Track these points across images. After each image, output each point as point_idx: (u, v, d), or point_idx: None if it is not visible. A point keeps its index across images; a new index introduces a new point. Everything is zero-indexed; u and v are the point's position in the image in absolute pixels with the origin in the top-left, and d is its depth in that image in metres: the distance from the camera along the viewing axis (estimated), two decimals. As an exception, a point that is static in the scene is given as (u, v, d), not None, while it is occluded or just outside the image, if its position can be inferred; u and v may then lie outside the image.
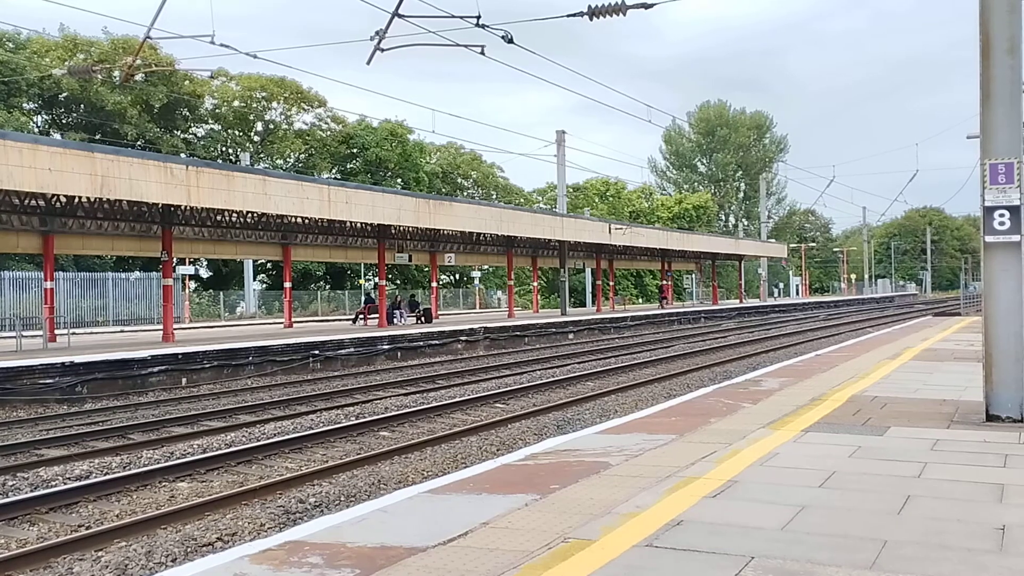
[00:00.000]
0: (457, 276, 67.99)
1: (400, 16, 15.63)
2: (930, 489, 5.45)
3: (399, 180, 59.50)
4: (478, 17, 15.84)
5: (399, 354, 25.06)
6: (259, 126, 56.83)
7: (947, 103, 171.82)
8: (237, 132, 55.40)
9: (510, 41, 16.36)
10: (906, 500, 5.16)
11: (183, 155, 46.17)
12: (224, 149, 54.87)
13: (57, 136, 44.33)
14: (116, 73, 40.33)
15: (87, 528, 7.81)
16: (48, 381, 16.56)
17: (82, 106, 47.35)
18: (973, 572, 3.87)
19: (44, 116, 48.99)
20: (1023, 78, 7.80)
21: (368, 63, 16.40)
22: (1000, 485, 5.50)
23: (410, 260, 38.97)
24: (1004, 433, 7.34)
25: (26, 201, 21.97)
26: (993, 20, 7.73)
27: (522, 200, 71.29)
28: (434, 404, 14.93)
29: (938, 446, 6.88)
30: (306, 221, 28.61)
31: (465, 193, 67.38)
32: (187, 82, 50.37)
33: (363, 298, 39.91)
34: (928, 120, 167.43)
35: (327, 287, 58.73)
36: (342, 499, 8.59)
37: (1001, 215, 7.77)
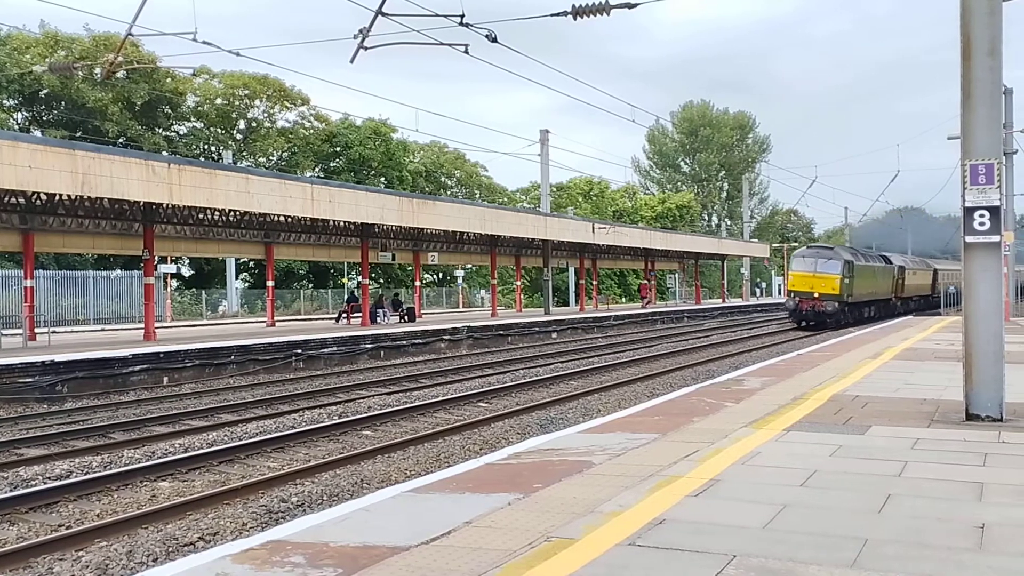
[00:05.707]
0: (440, 275, 67.90)
1: (384, 14, 15.58)
2: (911, 488, 5.49)
3: (382, 179, 59.33)
4: (462, 16, 15.82)
5: (382, 353, 25.00)
6: (241, 124, 56.50)
7: (929, 105, 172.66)
8: (219, 130, 55.05)
9: (494, 40, 16.33)
10: (887, 499, 5.19)
11: (165, 153, 45.83)
12: (206, 147, 54.51)
13: (37, 133, 43.88)
14: (97, 70, 39.92)
15: (67, 528, 7.75)
16: (28, 380, 16.42)
17: (63, 103, 46.93)
18: (953, 570, 3.90)
19: (24, 113, 48.52)
20: (1003, 80, 7.88)
21: (351, 61, 16.37)
22: (980, 484, 5.55)
23: (393, 259, 38.88)
24: (984, 432, 7.40)
25: (6, 199, 21.76)
26: (974, 22, 7.79)
27: (506, 199, 71.24)
28: (417, 403, 14.92)
29: (919, 445, 6.93)
30: (289, 220, 28.51)
31: (449, 192, 67.25)
32: (169, 79, 49.99)
33: (346, 297, 39.74)
34: (910, 121, 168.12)
35: (310, 286, 58.50)
36: (325, 498, 8.57)
37: (981, 216, 7.84)
